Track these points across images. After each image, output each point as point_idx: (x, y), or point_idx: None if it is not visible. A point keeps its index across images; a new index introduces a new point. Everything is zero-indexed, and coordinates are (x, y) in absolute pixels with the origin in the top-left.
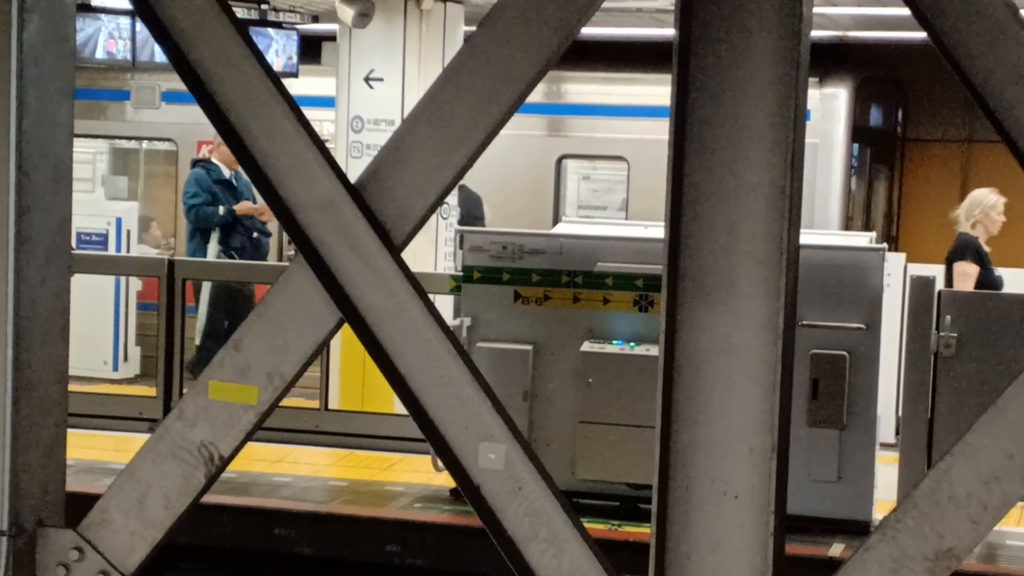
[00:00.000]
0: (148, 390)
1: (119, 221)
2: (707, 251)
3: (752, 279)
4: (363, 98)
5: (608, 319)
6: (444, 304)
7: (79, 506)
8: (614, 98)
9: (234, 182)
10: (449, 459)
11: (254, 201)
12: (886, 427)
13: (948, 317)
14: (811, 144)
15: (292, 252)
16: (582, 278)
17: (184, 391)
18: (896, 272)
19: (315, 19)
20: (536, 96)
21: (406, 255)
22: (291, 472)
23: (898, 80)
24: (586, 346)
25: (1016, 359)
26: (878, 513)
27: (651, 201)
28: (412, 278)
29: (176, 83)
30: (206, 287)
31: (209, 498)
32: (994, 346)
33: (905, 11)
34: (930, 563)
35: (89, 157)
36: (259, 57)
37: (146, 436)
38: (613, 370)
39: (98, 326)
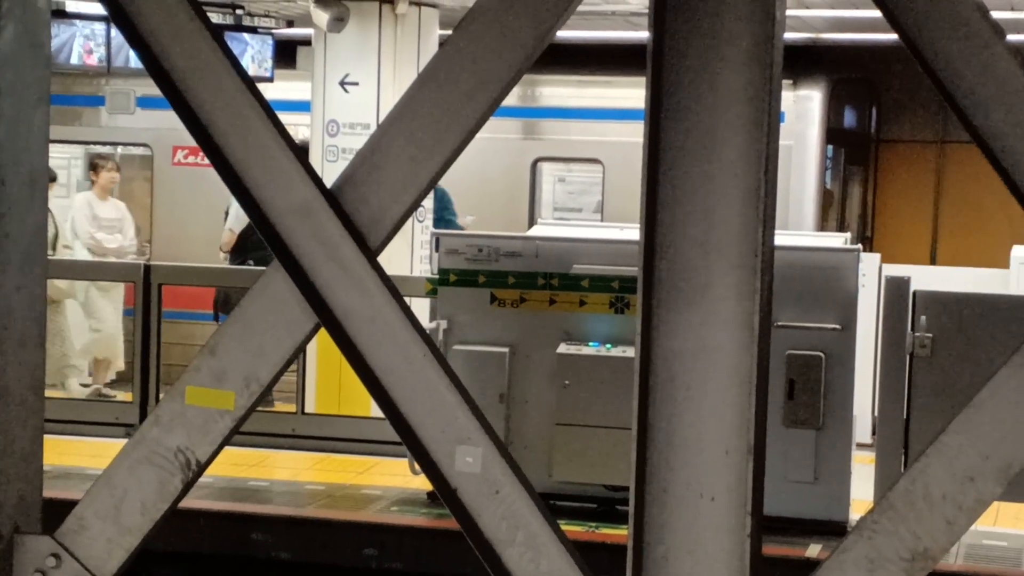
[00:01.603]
0: (124, 395)
1: None
2: (682, 253)
3: (728, 280)
4: (338, 102)
5: (584, 321)
6: (420, 307)
7: (56, 512)
8: (589, 101)
9: None
10: (426, 462)
11: None
12: (862, 427)
13: (923, 317)
14: (785, 146)
15: None
16: (558, 280)
17: (160, 396)
18: (871, 272)
19: (290, 24)
20: (511, 99)
21: (381, 258)
22: (268, 476)
23: (871, 81)
24: (562, 348)
25: (991, 359)
26: (854, 513)
27: (626, 203)
28: (388, 282)
29: (151, 88)
30: None
31: (186, 503)
32: (969, 346)
33: (878, 13)
34: (906, 564)
35: (64, 162)
36: (234, 62)
37: (122, 441)
38: (589, 372)
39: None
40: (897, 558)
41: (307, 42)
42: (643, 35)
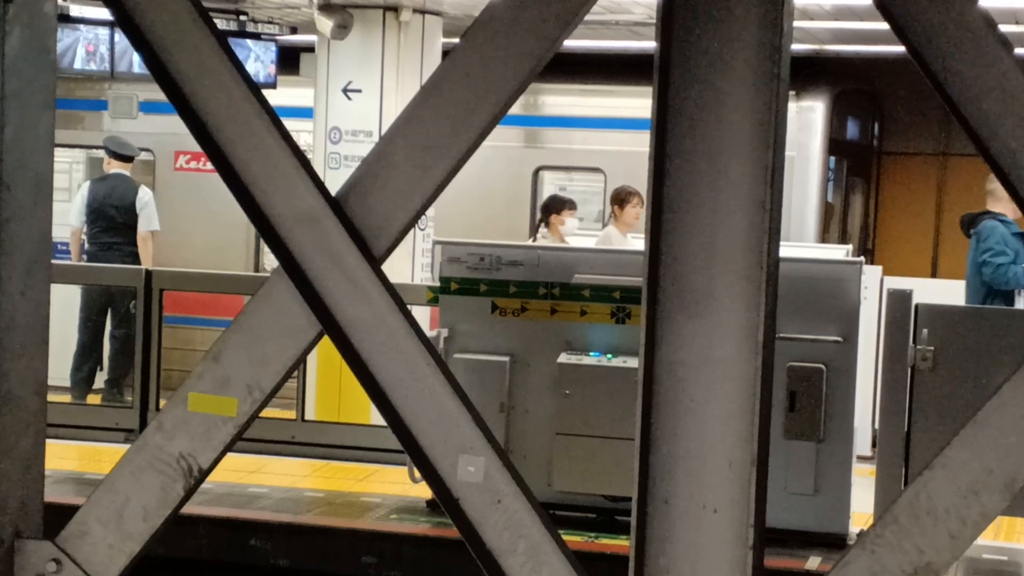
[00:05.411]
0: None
1: None
2: (687, 264)
3: (732, 292)
4: (341, 109)
5: (585, 331)
6: (421, 315)
7: (57, 517)
8: (591, 110)
9: None
10: (428, 471)
11: None
12: (863, 440)
13: (925, 330)
14: (788, 157)
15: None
16: (559, 290)
17: (161, 401)
18: (873, 285)
19: (293, 31)
20: (514, 108)
21: (383, 266)
22: (267, 483)
23: (874, 93)
24: (563, 358)
25: (993, 373)
26: (854, 526)
27: None
28: (392, 290)
29: (154, 93)
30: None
31: (185, 509)
32: (971, 360)
33: (882, 25)
34: None
35: (66, 166)
36: (239, 68)
37: (122, 446)
38: (590, 382)
39: (74, 336)
40: (900, 572)
41: (311, 49)
42: (646, 45)
